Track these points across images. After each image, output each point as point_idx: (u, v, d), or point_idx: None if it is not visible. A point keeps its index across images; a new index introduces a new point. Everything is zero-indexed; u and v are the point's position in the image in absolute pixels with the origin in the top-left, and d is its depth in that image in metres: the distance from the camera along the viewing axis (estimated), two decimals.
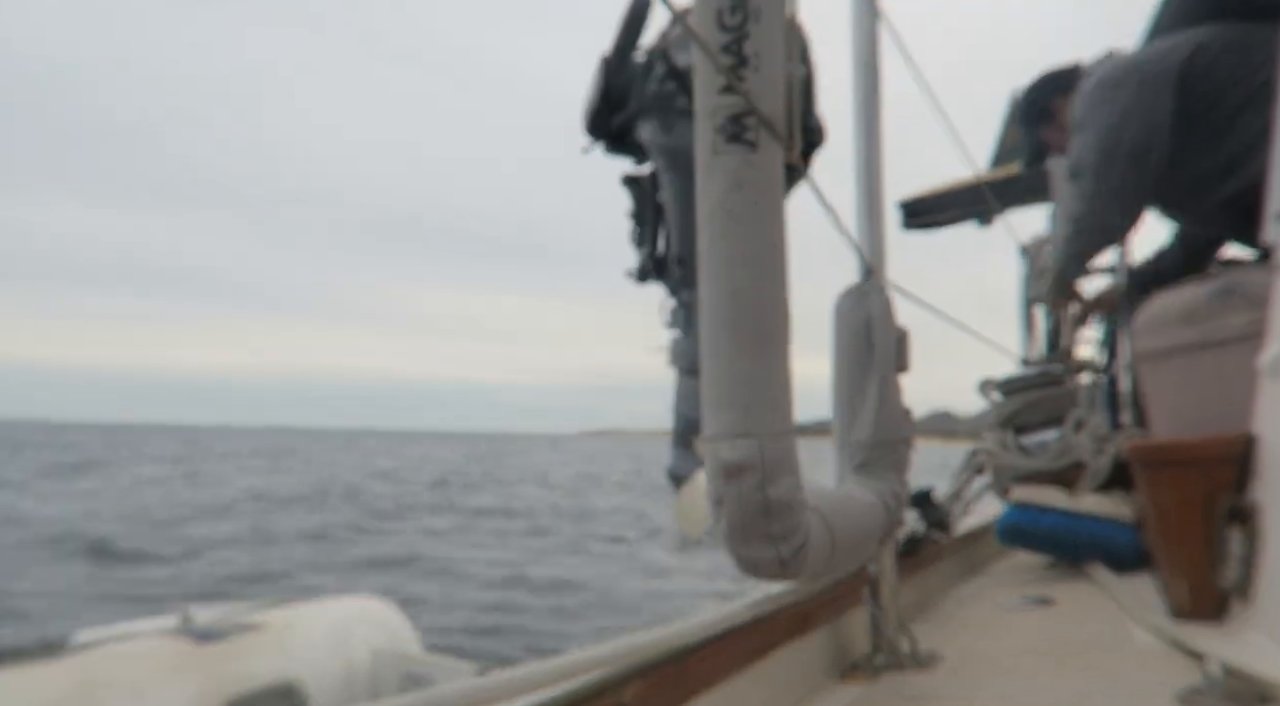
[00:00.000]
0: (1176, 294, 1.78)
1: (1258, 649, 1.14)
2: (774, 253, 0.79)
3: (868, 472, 1.16)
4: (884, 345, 1.17)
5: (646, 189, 1.25)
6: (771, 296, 0.79)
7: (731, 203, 0.77)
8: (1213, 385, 1.63)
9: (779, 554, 0.81)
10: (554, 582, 9.48)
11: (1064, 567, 2.18)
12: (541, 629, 7.43)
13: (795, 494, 0.81)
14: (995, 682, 1.19)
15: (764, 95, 0.77)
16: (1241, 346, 1.48)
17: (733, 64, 0.77)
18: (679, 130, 1.18)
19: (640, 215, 1.27)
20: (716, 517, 0.81)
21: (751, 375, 0.78)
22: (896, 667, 1.27)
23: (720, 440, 0.78)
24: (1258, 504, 1.25)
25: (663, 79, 1.18)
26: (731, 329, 0.78)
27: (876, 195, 1.34)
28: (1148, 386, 1.88)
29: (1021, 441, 2.41)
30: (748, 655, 1.01)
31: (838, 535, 0.91)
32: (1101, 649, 1.36)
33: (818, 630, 1.22)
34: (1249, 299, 1.57)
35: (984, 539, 2.44)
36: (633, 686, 0.78)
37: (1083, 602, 1.76)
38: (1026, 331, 3.55)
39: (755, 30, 0.77)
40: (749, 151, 0.77)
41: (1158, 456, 1.48)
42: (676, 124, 1.19)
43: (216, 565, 10.15)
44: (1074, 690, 1.12)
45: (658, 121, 1.21)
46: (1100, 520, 2.01)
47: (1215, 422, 1.51)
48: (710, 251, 0.79)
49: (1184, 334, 1.71)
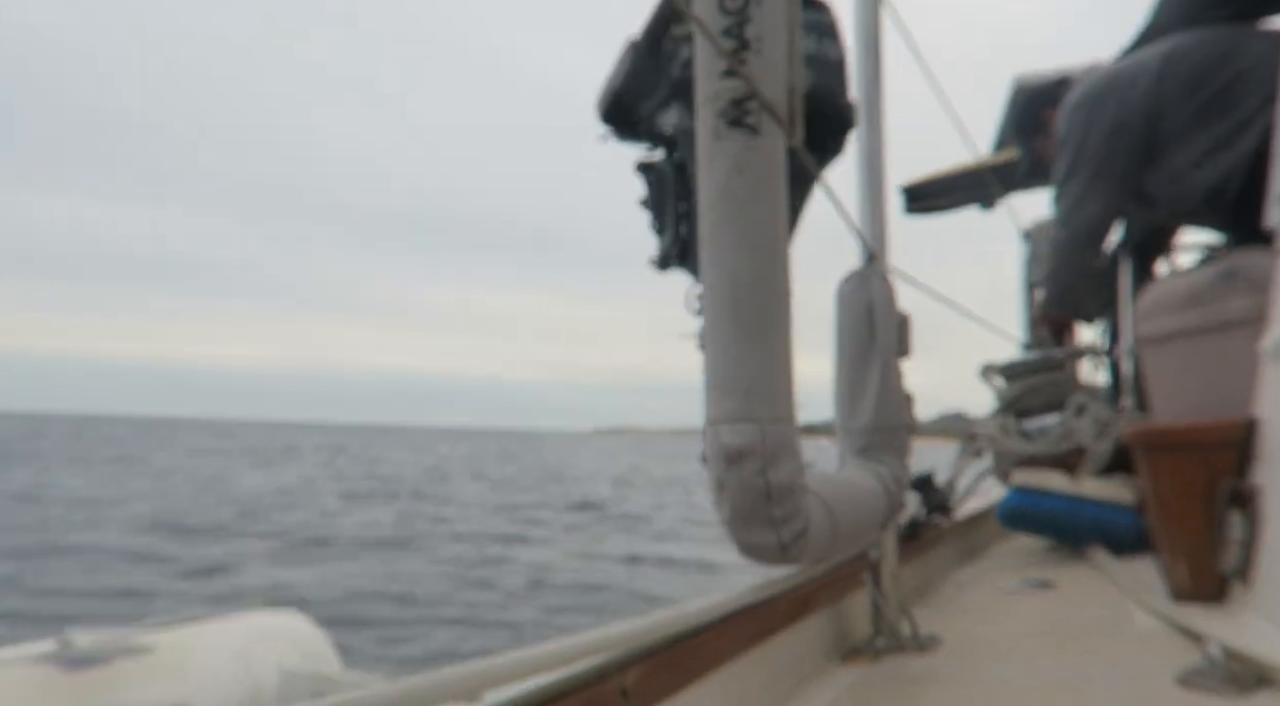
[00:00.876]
0: (1179, 277, 1.78)
1: (1257, 631, 1.14)
2: (775, 238, 0.79)
3: (869, 457, 1.16)
4: (886, 330, 1.17)
5: (664, 173, 1.25)
6: (773, 281, 0.78)
7: (733, 187, 0.77)
8: (1214, 369, 1.63)
9: (780, 538, 0.81)
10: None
11: (1064, 551, 2.19)
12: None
13: (796, 478, 0.81)
14: (996, 665, 1.20)
15: (766, 79, 0.77)
16: (1243, 330, 1.48)
17: (734, 47, 0.76)
18: None
19: (658, 202, 1.26)
20: (718, 502, 0.82)
21: (753, 359, 0.78)
22: (897, 651, 1.28)
23: (722, 424, 0.78)
24: (1258, 487, 1.25)
25: (687, 64, 1.18)
26: (733, 313, 0.78)
27: (878, 180, 1.34)
28: (1149, 370, 1.88)
29: (1023, 425, 2.42)
30: (748, 639, 1.01)
31: (839, 519, 0.91)
32: (1102, 632, 1.36)
33: (818, 614, 1.22)
34: (1251, 283, 1.57)
35: (985, 523, 2.45)
36: (633, 671, 0.78)
37: (1083, 586, 1.77)
38: (1028, 316, 3.55)
39: (757, 13, 0.77)
40: (750, 136, 0.77)
41: (1159, 440, 1.48)
42: None
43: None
44: (1074, 672, 1.13)
45: (685, 107, 1.20)
46: (1101, 504, 2.01)
47: (1216, 407, 1.51)
48: (712, 236, 0.79)
49: (1186, 318, 1.71)
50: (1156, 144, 2.18)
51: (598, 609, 7.51)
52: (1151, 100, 2.15)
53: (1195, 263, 1.98)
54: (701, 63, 0.79)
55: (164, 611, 3.37)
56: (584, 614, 7.27)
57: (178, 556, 9.53)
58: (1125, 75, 2.23)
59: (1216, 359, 1.63)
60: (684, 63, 1.16)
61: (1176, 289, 1.76)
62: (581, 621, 6.47)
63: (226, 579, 8.49)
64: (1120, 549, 1.94)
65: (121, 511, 13.17)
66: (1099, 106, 2.23)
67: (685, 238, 1.22)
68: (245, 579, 8.49)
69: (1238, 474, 1.31)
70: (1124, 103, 2.20)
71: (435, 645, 6.24)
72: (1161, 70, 2.16)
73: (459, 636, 6.56)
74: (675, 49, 1.17)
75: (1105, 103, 2.22)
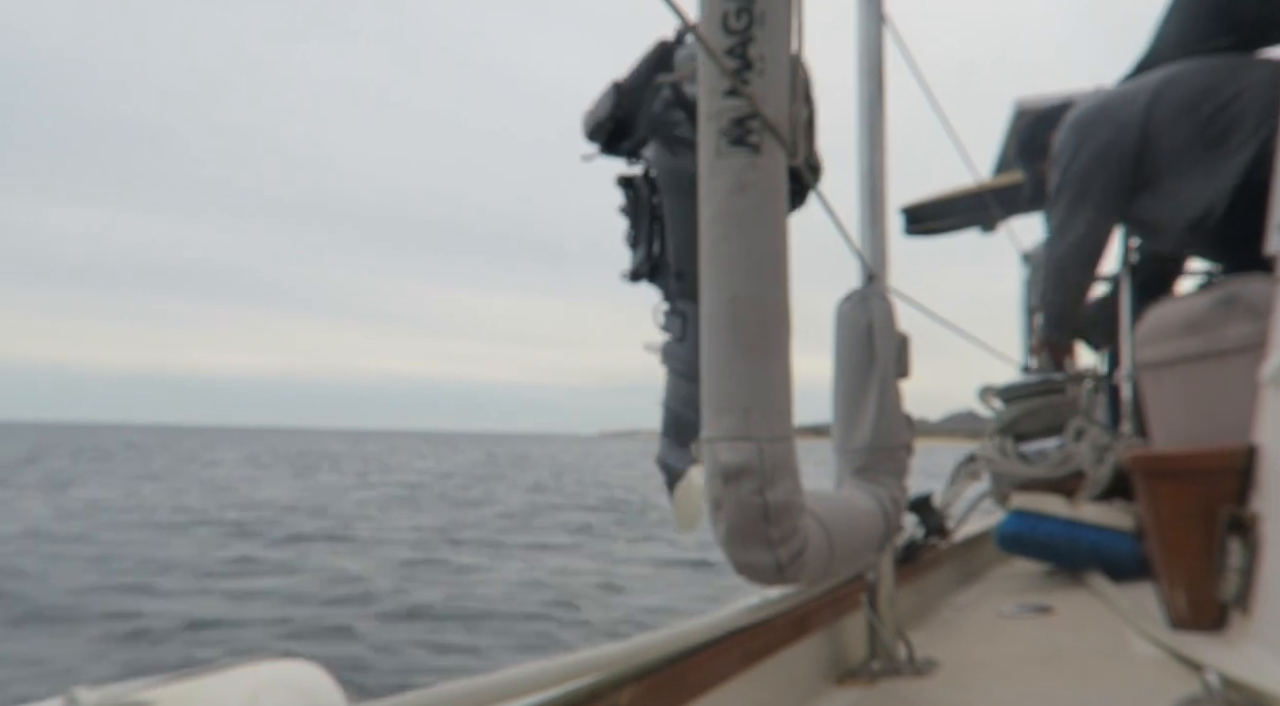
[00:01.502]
0: (1178, 303, 1.78)
1: (1256, 660, 1.13)
2: (776, 256, 0.79)
3: (867, 478, 1.16)
4: (885, 350, 1.17)
5: (641, 189, 1.26)
6: (773, 299, 0.78)
7: (734, 206, 0.77)
8: (1214, 396, 1.62)
9: (777, 558, 0.81)
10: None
11: (1063, 576, 2.17)
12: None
13: (794, 498, 0.81)
14: (992, 690, 1.19)
15: (768, 98, 0.77)
16: (1243, 357, 1.48)
17: (737, 67, 0.77)
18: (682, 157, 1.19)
19: (634, 215, 1.27)
20: (715, 521, 0.81)
21: (752, 378, 0.77)
22: (893, 674, 1.27)
23: (719, 442, 0.78)
24: (1258, 515, 1.25)
25: (668, 105, 1.19)
26: (732, 331, 0.77)
27: (879, 201, 1.34)
28: (1148, 396, 1.88)
29: (1021, 449, 2.41)
30: (744, 659, 1.00)
31: (836, 540, 0.90)
32: (1100, 657, 1.35)
33: (815, 635, 1.21)
34: (1251, 309, 1.56)
35: (983, 546, 2.43)
36: (628, 690, 0.78)
37: (1081, 611, 1.76)
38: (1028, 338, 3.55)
39: (760, 34, 0.77)
40: (752, 154, 0.77)
41: (1158, 466, 1.47)
42: (679, 151, 1.20)
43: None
44: (1072, 698, 1.12)
45: (663, 146, 1.22)
46: (1100, 529, 2.00)
47: (1216, 433, 1.50)
48: (712, 254, 0.79)
49: (1185, 344, 1.71)
50: (1150, 169, 2.20)
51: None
52: (1144, 125, 2.17)
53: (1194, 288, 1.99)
54: (705, 81, 0.79)
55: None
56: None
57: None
58: (1119, 100, 2.25)
59: (1215, 385, 1.63)
60: (664, 102, 1.17)
61: (1175, 315, 1.76)
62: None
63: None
64: (1119, 575, 1.93)
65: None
66: (1090, 130, 2.26)
67: (656, 257, 1.23)
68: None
69: (1237, 501, 1.31)
70: (1116, 127, 2.21)
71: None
72: (1155, 96, 2.18)
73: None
74: (656, 88, 1.19)
75: (1097, 127, 2.24)
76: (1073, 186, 2.28)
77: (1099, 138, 2.23)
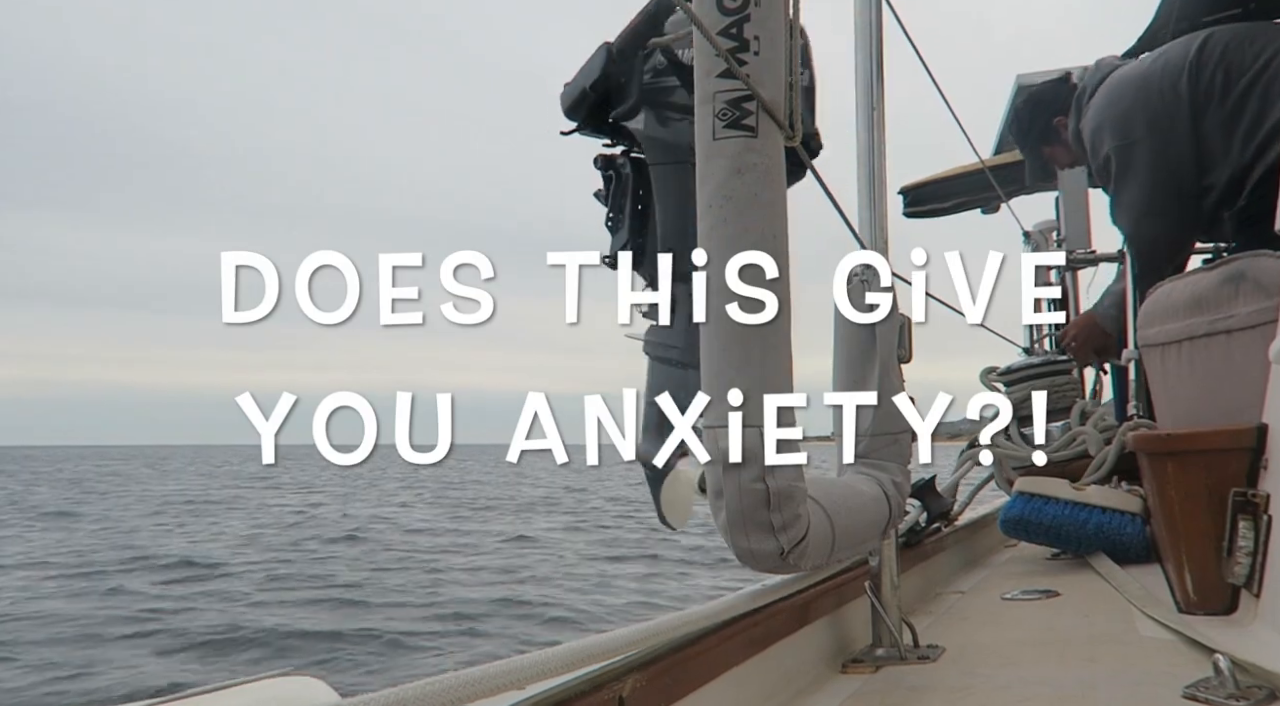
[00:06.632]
0: (1184, 281, 1.76)
1: (1266, 643, 1.13)
2: (775, 238, 0.78)
3: (869, 463, 1.15)
4: (886, 334, 1.15)
5: (623, 171, 1.23)
6: (773, 283, 0.77)
7: (731, 188, 0.76)
8: (1221, 375, 1.61)
9: (780, 545, 0.80)
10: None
11: (1068, 559, 2.17)
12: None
13: (796, 484, 0.80)
14: (997, 674, 1.18)
15: (765, 80, 0.76)
16: (1251, 335, 1.46)
17: (733, 47, 0.75)
18: (675, 125, 1.16)
19: (615, 198, 1.24)
20: (715, 509, 0.80)
21: (752, 363, 0.76)
22: (897, 660, 1.26)
23: (721, 429, 0.77)
24: (1267, 495, 1.24)
25: (660, 71, 1.16)
26: (732, 316, 0.76)
27: (879, 182, 1.32)
28: (1154, 376, 1.86)
29: (1025, 431, 2.40)
30: (747, 647, 1.00)
31: (839, 526, 0.89)
32: (1106, 641, 1.35)
33: (818, 622, 1.21)
34: (1260, 286, 1.55)
35: (987, 530, 2.43)
36: (631, 679, 0.77)
37: (1087, 595, 1.75)
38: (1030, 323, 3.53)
39: (756, 14, 0.76)
40: (749, 137, 0.76)
41: (1165, 447, 1.46)
42: (671, 119, 1.17)
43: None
44: (1078, 683, 1.11)
45: (653, 114, 1.19)
46: (1105, 511, 1.99)
47: (1223, 413, 1.49)
48: (710, 237, 0.78)
49: (1192, 322, 1.69)
50: (1202, 142, 2.10)
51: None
52: (1191, 96, 2.07)
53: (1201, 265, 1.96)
54: (700, 63, 0.78)
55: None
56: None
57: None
58: (1157, 74, 2.14)
59: (1223, 364, 1.61)
60: (655, 69, 1.14)
61: (1181, 293, 1.74)
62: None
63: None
64: (1125, 558, 1.92)
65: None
66: (1138, 113, 2.14)
67: (641, 242, 1.20)
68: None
69: (1246, 482, 1.29)
70: (1165, 101, 2.10)
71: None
72: (1196, 64, 2.08)
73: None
74: (648, 55, 1.16)
75: (1146, 106, 2.13)
76: (1140, 176, 2.16)
77: (1152, 109, 2.12)
